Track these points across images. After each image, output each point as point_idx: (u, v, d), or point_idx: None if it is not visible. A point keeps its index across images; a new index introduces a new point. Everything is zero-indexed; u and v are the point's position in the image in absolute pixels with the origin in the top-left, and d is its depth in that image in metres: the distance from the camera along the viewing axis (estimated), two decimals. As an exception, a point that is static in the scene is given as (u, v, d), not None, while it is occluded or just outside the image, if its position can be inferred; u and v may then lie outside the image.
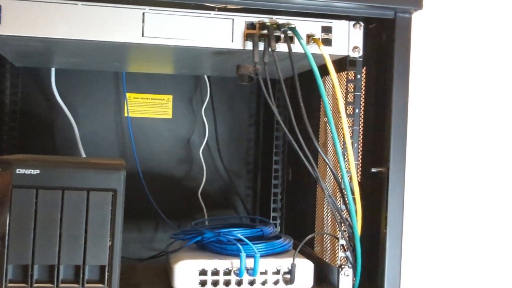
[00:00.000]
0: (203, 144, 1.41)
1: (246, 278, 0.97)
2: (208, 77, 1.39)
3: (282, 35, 0.95)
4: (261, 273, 0.97)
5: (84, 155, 1.31)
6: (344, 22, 0.99)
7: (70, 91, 1.34)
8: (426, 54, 1.50)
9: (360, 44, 0.99)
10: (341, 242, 1.00)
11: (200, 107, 1.41)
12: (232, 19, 0.95)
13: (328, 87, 1.09)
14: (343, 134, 0.96)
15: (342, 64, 1.01)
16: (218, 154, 1.42)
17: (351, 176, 0.97)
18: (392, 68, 0.97)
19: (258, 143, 1.46)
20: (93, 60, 1.17)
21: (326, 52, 0.95)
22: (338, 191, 0.99)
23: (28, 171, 0.87)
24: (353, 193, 0.96)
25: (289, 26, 0.95)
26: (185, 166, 1.42)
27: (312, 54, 0.94)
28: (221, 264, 0.96)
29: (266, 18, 0.95)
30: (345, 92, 1.01)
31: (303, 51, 0.94)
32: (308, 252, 1.13)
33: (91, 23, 0.91)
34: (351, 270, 0.99)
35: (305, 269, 0.99)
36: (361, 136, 1.03)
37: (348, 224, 0.97)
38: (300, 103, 0.92)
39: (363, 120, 1.03)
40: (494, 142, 1.55)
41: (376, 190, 1.00)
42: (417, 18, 0.98)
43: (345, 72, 1.02)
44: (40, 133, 1.34)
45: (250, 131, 1.46)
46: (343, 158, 0.96)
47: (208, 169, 1.41)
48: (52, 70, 1.30)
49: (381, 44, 1.01)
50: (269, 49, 0.93)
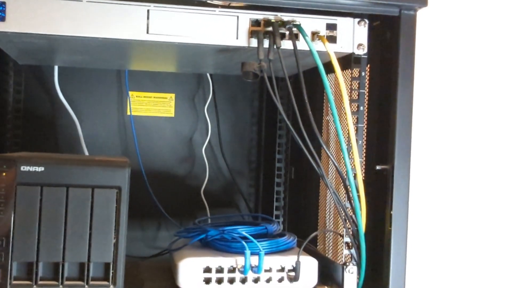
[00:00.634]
0: (206, 143, 1.41)
1: (251, 276, 0.96)
2: (211, 76, 1.39)
3: (287, 32, 0.95)
4: (266, 271, 0.97)
5: (87, 153, 1.31)
6: (349, 19, 0.99)
7: (73, 89, 1.34)
8: (431, 52, 1.50)
9: (365, 42, 0.99)
10: (346, 240, 1.00)
11: (203, 106, 1.41)
12: (237, 16, 0.95)
13: (332, 85, 1.09)
14: (348, 131, 0.96)
15: (347, 62, 1.01)
16: (221, 153, 1.42)
17: (356, 173, 0.96)
18: (397, 66, 0.97)
19: (261, 142, 1.46)
20: (96, 58, 1.17)
21: (331, 49, 0.95)
22: (342, 189, 0.99)
23: (33, 168, 0.86)
24: (358, 190, 0.95)
25: (294, 23, 0.95)
26: (188, 165, 1.42)
27: (317, 51, 0.93)
28: (226, 262, 0.96)
29: (271, 15, 0.95)
30: (350, 90, 1.01)
31: (308, 48, 0.94)
32: (312, 250, 1.12)
33: (96, 20, 0.90)
34: (356, 268, 0.99)
35: (310, 267, 0.99)
36: (365, 134, 1.03)
37: (353, 222, 0.97)
38: (305, 100, 0.92)
39: (367, 118, 1.03)
40: (500, 139, 1.55)
41: (381, 188, 0.99)
42: (422, 16, 0.98)
43: (349, 70, 1.01)
44: (43, 131, 1.34)
45: (253, 130, 1.46)
46: (348, 155, 0.96)
47: (211, 168, 1.41)
48: (55, 68, 1.30)
49: (386, 42, 1.01)
50: (274, 46, 0.93)
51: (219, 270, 0.96)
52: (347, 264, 1.00)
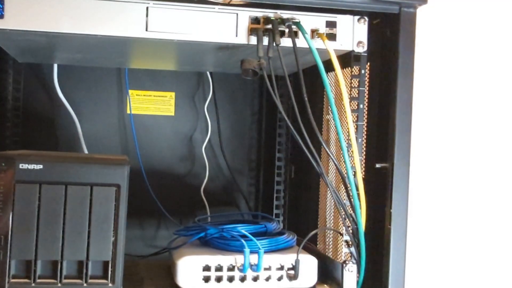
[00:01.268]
0: (206, 141, 1.40)
1: (250, 274, 0.96)
2: (211, 74, 1.39)
3: (287, 30, 0.94)
4: (265, 269, 0.97)
5: (87, 152, 1.31)
6: (349, 17, 0.98)
7: (73, 88, 1.34)
8: (431, 49, 1.49)
9: (365, 39, 0.99)
10: (345, 238, 1.00)
11: (203, 104, 1.40)
12: (236, 14, 0.94)
13: (332, 83, 1.09)
14: (348, 129, 0.96)
15: (347, 59, 1.01)
16: (221, 151, 1.42)
17: (356, 172, 0.96)
18: (397, 63, 0.96)
19: (261, 140, 1.46)
20: (96, 56, 1.17)
21: (331, 47, 0.95)
22: (342, 187, 0.99)
23: (31, 166, 0.86)
24: (358, 189, 0.95)
25: (294, 21, 0.95)
26: (188, 163, 1.41)
27: (317, 49, 0.93)
28: (225, 260, 0.96)
29: (271, 13, 0.95)
30: (349, 87, 1.01)
31: (308, 46, 0.93)
32: (312, 248, 1.12)
33: (95, 17, 0.90)
34: (355, 266, 0.99)
35: (309, 265, 0.99)
36: (365, 132, 1.02)
37: (352, 220, 0.97)
38: (304, 97, 0.92)
39: (367, 116, 1.03)
40: (500, 138, 1.55)
41: (380, 186, 0.99)
42: (422, 13, 0.98)
43: (349, 68, 1.01)
44: (43, 130, 1.34)
45: (253, 128, 1.45)
46: (348, 154, 0.96)
47: (211, 166, 1.41)
48: (55, 66, 1.30)
49: (386, 39, 1.01)
50: (274, 44, 0.93)
51: (218, 269, 0.96)
52: (347, 262, 0.99)
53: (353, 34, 0.98)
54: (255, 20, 0.95)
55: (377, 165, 1.00)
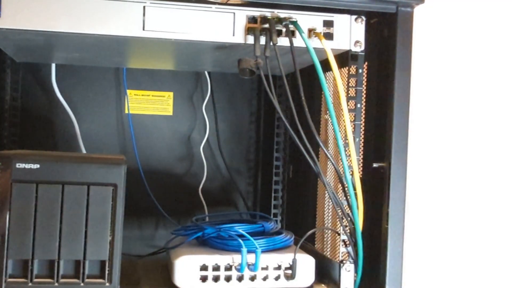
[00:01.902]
0: (204, 141, 1.40)
1: (247, 274, 0.96)
2: (209, 74, 1.39)
3: (284, 29, 0.94)
4: (262, 269, 0.97)
5: (85, 152, 1.31)
6: (346, 16, 0.98)
7: (71, 87, 1.34)
8: (428, 49, 1.49)
9: (362, 39, 0.99)
10: (343, 237, 1.00)
11: (201, 104, 1.40)
12: (233, 13, 0.94)
13: (329, 83, 1.09)
14: (345, 129, 0.96)
15: (344, 59, 1.01)
16: (219, 151, 1.42)
17: (353, 171, 0.96)
18: (394, 63, 0.96)
19: (259, 140, 1.46)
20: (94, 56, 1.17)
21: (328, 46, 0.95)
22: (339, 186, 0.99)
23: (28, 166, 0.86)
24: (355, 188, 0.95)
25: (291, 20, 0.95)
26: (186, 163, 1.41)
27: (314, 48, 0.93)
28: (222, 260, 0.96)
29: (268, 12, 0.95)
30: (347, 87, 1.00)
31: (305, 45, 0.93)
32: (309, 248, 1.12)
33: (92, 17, 0.90)
34: (353, 266, 0.99)
35: (307, 265, 0.99)
36: (363, 131, 1.02)
37: (350, 219, 0.97)
38: (302, 97, 0.92)
39: (365, 115, 1.03)
40: (497, 137, 1.55)
41: (378, 185, 0.99)
42: (419, 12, 0.98)
43: (347, 67, 1.01)
44: (41, 129, 1.34)
45: (251, 128, 1.45)
46: (345, 153, 0.96)
47: (209, 166, 1.41)
48: (53, 66, 1.30)
49: (383, 39, 1.01)
50: (271, 43, 0.92)
51: (216, 268, 0.95)
52: (344, 262, 0.99)
53: (350, 34, 0.98)
54: (252, 20, 0.95)
55: (375, 165, 1.00)
